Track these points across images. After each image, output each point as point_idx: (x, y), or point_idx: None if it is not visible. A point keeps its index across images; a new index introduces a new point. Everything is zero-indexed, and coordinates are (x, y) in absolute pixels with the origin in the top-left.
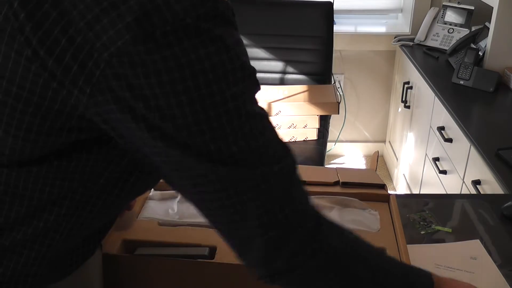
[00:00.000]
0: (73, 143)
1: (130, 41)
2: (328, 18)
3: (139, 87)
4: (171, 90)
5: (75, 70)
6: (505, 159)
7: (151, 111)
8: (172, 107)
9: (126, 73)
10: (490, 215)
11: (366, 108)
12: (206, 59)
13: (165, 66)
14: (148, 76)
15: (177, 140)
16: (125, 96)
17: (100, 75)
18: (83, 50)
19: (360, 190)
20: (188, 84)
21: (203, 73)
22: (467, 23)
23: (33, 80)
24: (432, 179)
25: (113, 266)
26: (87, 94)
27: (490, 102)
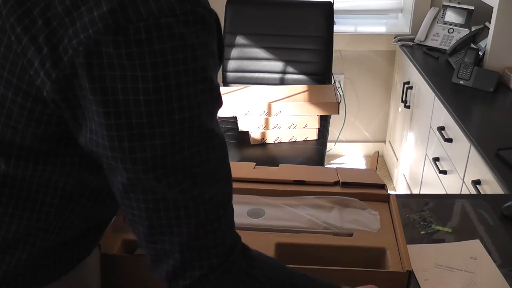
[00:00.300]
0: (56, 143)
1: (101, 30)
2: (328, 18)
3: (101, 79)
4: (131, 87)
5: (45, 52)
6: (505, 159)
7: (109, 106)
8: (129, 104)
9: (91, 62)
10: (490, 215)
11: (366, 108)
12: (172, 65)
13: (130, 63)
14: (112, 69)
15: (127, 140)
16: (87, 87)
17: (67, 61)
18: (57, 34)
19: (360, 190)
20: (148, 86)
21: (165, 78)
22: (467, 23)
23: (13, 60)
24: (432, 179)
25: (113, 266)
26: (52, 78)
27: (490, 102)
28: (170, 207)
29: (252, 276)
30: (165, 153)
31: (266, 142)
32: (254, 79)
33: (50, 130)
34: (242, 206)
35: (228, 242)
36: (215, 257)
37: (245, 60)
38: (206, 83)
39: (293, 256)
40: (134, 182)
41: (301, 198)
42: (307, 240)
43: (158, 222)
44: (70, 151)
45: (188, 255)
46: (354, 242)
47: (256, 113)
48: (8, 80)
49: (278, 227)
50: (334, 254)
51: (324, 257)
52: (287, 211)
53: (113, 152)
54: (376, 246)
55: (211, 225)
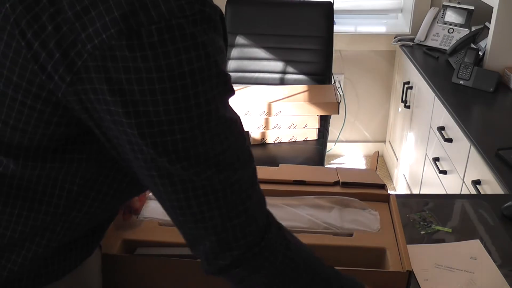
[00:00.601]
0: (65, 141)
1: (114, 35)
2: (328, 18)
3: (117, 82)
4: (148, 88)
5: (57, 57)
6: (505, 159)
7: (126, 106)
8: (148, 104)
9: (107, 66)
10: (490, 215)
11: (366, 108)
12: (186, 64)
13: (145, 65)
14: (128, 72)
15: (148, 137)
16: (102, 89)
17: (81, 65)
18: (68, 39)
19: (360, 190)
20: (165, 86)
21: (181, 77)
22: (467, 23)
23: (22, 64)
24: (432, 179)
25: (113, 266)
26: (67, 82)
27: (490, 102)
28: (200, 194)
29: (287, 256)
30: (187, 146)
31: (266, 142)
32: (254, 79)
33: (60, 131)
34: None
35: (261, 219)
36: (250, 236)
37: (245, 60)
38: (219, 77)
39: None
40: (162, 173)
41: (301, 198)
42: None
43: (190, 210)
44: (79, 148)
45: (223, 236)
46: (354, 242)
47: (256, 113)
48: (17, 83)
49: None
50: (334, 254)
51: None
52: (287, 211)
53: (139, 146)
54: (376, 246)
55: (242, 205)
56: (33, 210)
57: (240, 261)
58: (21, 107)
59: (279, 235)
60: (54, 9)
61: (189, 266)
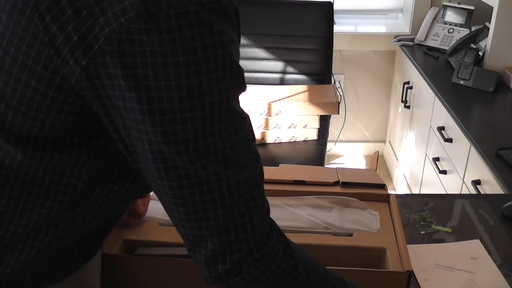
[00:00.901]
0: (73, 133)
1: (133, 18)
2: (328, 18)
3: (133, 66)
4: (162, 73)
5: (75, 40)
6: (505, 159)
7: (141, 92)
8: (161, 90)
9: (123, 50)
10: (490, 215)
11: (366, 108)
12: (201, 50)
13: (161, 49)
14: (144, 56)
15: (159, 124)
16: (117, 74)
17: (97, 49)
18: (86, 23)
19: (360, 190)
20: (179, 71)
21: (196, 63)
22: (467, 23)
23: (38, 49)
24: (432, 179)
25: (113, 266)
26: (82, 66)
27: (490, 102)
28: (205, 190)
29: (290, 265)
30: (197, 136)
31: (266, 142)
32: (254, 79)
33: (70, 120)
34: None
35: (264, 224)
36: (252, 240)
37: (245, 60)
38: (232, 68)
39: None
40: (168, 165)
41: (301, 198)
42: (307, 240)
43: (194, 208)
44: (87, 141)
45: (225, 238)
46: (354, 242)
47: (256, 113)
48: (32, 68)
49: None
50: (334, 254)
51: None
52: (287, 211)
53: (147, 135)
54: (376, 246)
55: (246, 205)
56: (37, 204)
57: (240, 266)
58: (34, 93)
59: (282, 242)
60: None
61: (189, 266)
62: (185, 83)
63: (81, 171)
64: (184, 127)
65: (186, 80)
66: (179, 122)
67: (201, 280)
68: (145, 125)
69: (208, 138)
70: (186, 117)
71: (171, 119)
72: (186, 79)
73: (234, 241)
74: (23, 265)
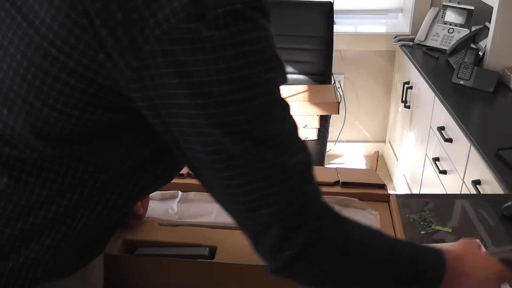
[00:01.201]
0: (104, 127)
1: (183, 19)
2: (328, 18)
3: (184, 64)
4: (213, 69)
5: (125, 44)
6: (505, 159)
7: (194, 88)
8: (213, 85)
9: (174, 49)
10: (490, 215)
11: (366, 108)
12: (249, 44)
13: (212, 45)
14: (195, 54)
15: (215, 117)
16: (169, 73)
17: (149, 51)
18: (136, 26)
19: (360, 190)
20: (230, 64)
21: (244, 56)
22: (467, 23)
23: (82, 51)
24: (432, 179)
25: (114, 266)
26: (133, 68)
27: (490, 102)
28: (264, 177)
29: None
30: (250, 127)
31: None
32: None
33: (106, 116)
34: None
35: (320, 206)
36: (312, 222)
37: None
38: (276, 61)
39: None
40: (226, 155)
41: None
42: None
43: (253, 196)
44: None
45: (287, 223)
46: None
47: None
48: (74, 69)
49: None
50: None
51: None
52: None
53: (201, 128)
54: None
55: (302, 188)
56: (57, 196)
57: (305, 250)
58: (71, 91)
59: (338, 220)
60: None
61: (189, 266)
62: (236, 75)
63: (107, 165)
64: (238, 118)
65: (236, 73)
66: (232, 114)
67: (201, 280)
68: (201, 119)
69: (261, 127)
70: (239, 108)
71: (225, 112)
72: (236, 72)
73: (296, 224)
74: (37, 255)
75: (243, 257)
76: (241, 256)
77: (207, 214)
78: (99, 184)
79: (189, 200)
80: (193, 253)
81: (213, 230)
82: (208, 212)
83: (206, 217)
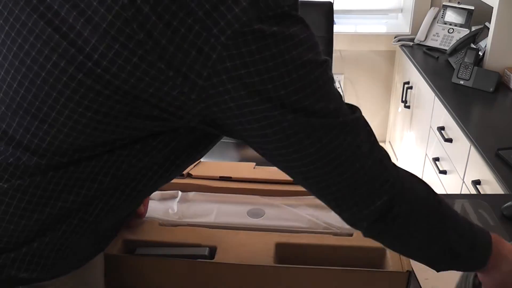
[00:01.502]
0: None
1: (246, 22)
2: (328, 18)
3: (253, 63)
4: (281, 61)
5: (193, 55)
6: (505, 159)
7: (266, 84)
8: (282, 77)
9: (241, 52)
10: (490, 215)
11: (366, 108)
12: (300, 33)
13: (274, 40)
14: (260, 51)
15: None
16: (240, 75)
17: (216, 58)
18: (201, 36)
19: None
20: (292, 54)
21: (295, 47)
22: (467, 23)
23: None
24: (432, 179)
25: (113, 266)
26: (203, 77)
27: (490, 102)
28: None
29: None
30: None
31: None
32: None
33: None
34: (242, 206)
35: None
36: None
37: None
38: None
39: (293, 256)
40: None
41: (301, 198)
42: (307, 240)
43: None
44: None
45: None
46: (354, 242)
47: None
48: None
49: (278, 227)
50: (334, 254)
51: (324, 257)
52: (287, 211)
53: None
54: (376, 246)
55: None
56: (76, 186)
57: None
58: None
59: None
60: (184, 13)
61: (189, 266)
62: (299, 63)
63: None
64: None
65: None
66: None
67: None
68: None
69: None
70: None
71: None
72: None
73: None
74: (49, 247)
75: (243, 257)
76: (241, 256)
77: (207, 214)
78: (120, 173)
79: (189, 200)
80: (193, 253)
81: (213, 230)
82: (208, 212)
83: (206, 217)
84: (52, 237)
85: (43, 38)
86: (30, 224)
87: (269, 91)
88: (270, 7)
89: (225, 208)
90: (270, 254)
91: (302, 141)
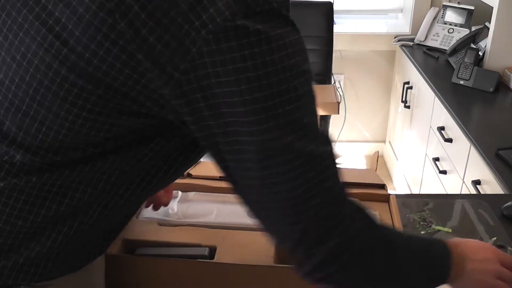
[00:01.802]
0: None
1: (229, 17)
2: (328, 18)
3: (231, 61)
4: (261, 62)
5: (173, 47)
6: (505, 159)
7: (240, 83)
8: (259, 79)
9: (221, 48)
10: (490, 215)
11: (366, 108)
12: (287, 36)
13: (256, 39)
14: (240, 49)
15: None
16: (217, 72)
17: (195, 52)
18: (182, 29)
19: (360, 190)
20: (274, 56)
21: (285, 47)
22: (467, 23)
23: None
24: (432, 179)
25: (113, 266)
26: (180, 70)
27: (490, 102)
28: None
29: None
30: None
31: None
32: None
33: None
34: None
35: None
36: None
37: None
38: (306, 51)
39: None
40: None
41: None
42: None
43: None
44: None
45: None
46: None
47: None
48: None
49: None
50: None
51: None
52: None
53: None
54: None
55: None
56: (71, 189)
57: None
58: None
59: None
60: (167, 4)
61: (189, 266)
62: (280, 67)
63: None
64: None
65: (280, 64)
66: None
67: (201, 280)
68: (246, 116)
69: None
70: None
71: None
72: (280, 63)
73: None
74: (48, 250)
75: (243, 257)
76: (241, 256)
77: (207, 214)
78: (114, 179)
79: (189, 200)
80: (193, 253)
81: (213, 230)
82: (208, 212)
83: (206, 217)
84: (53, 238)
85: (31, 33)
86: (27, 225)
87: (247, 93)
88: (258, 3)
89: (225, 208)
90: (270, 254)
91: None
